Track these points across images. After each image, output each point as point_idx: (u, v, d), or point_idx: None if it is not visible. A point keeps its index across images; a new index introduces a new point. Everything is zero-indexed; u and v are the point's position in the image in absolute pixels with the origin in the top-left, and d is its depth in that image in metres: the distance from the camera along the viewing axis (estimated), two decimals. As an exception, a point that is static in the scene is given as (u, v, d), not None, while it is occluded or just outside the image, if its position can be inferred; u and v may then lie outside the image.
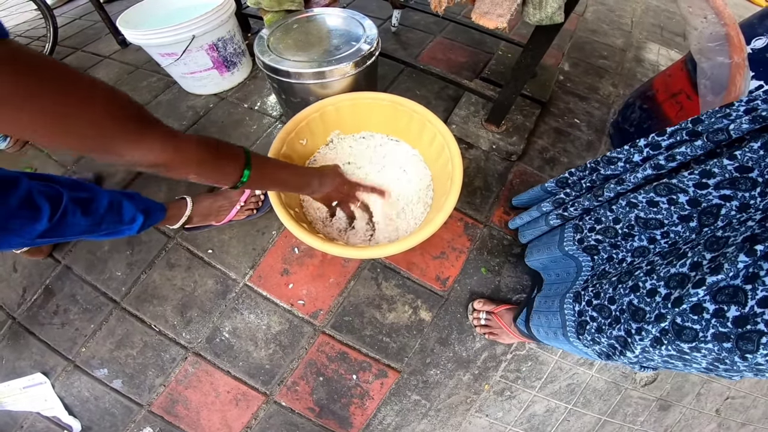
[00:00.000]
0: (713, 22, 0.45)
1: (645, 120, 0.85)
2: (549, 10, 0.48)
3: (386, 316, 0.71)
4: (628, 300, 0.38)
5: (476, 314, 0.69)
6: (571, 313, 0.48)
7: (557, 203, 0.58)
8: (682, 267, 0.34)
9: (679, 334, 0.32)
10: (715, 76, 0.49)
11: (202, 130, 0.94)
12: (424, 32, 1.22)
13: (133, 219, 0.58)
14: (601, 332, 0.41)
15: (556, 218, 0.58)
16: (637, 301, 0.37)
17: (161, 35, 0.79)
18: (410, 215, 0.67)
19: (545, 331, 0.55)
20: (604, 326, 0.41)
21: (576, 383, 0.72)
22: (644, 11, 1.54)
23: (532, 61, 0.63)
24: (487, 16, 0.50)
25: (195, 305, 0.71)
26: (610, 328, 0.40)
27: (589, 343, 0.44)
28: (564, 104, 1.04)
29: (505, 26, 0.49)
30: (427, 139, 0.69)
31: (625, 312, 0.38)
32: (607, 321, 0.41)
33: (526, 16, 0.51)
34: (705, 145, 0.37)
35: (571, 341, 0.48)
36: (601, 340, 0.41)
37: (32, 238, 0.45)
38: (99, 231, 0.54)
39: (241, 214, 0.74)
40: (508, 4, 0.48)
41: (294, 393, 0.66)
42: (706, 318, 0.30)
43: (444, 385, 0.68)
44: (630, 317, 0.37)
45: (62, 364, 0.68)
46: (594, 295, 0.44)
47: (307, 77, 0.70)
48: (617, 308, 0.39)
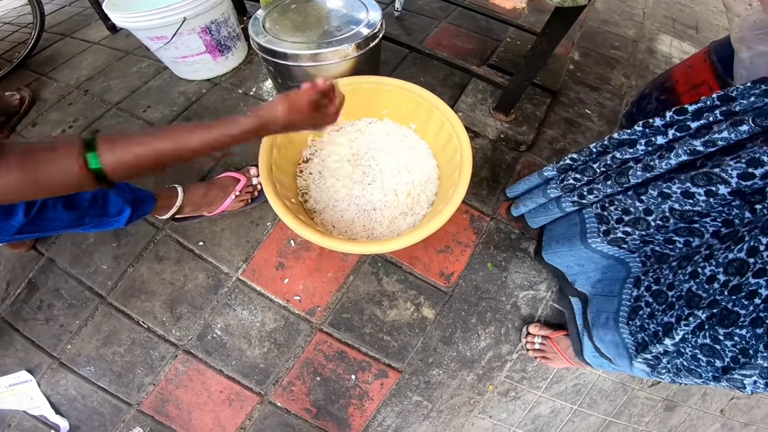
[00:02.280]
0: (758, 10, 0.42)
1: (662, 111, 0.80)
2: None
3: (387, 313, 0.68)
4: (687, 286, 0.38)
5: (530, 338, 0.67)
6: (628, 298, 0.48)
7: (567, 188, 0.55)
8: (740, 252, 0.33)
9: (722, 320, 0.32)
10: (754, 66, 0.45)
11: (194, 117, 0.89)
12: (429, 17, 1.17)
13: (120, 211, 0.54)
14: (653, 318, 0.42)
15: (571, 204, 0.55)
16: (696, 287, 0.37)
17: (150, 18, 0.75)
18: (414, 207, 0.63)
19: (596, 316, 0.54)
20: (657, 312, 0.41)
21: (582, 383, 0.70)
22: (656, 2, 1.50)
23: (548, 47, 0.59)
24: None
25: (185, 301, 0.68)
26: (662, 314, 0.40)
27: (636, 330, 0.44)
28: (575, 94, 1.00)
29: (524, 6, 0.45)
30: (435, 127, 0.65)
31: (682, 298, 0.38)
32: (661, 307, 0.41)
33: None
34: (752, 129, 0.33)
35: (619, 327, 0.47)
36: (650, 326, 0.42)
37: (10, 234, 0.43)
38: (83, 224, 0.51)
39: (234, 204, 0.70)
40: None
41: (290, 393, 0.63)
42: (756, 303, 0.30)
43: (447, 385, 0.65)
44: (685, 303, 0.37)
45: (47, 361, 0.65)
46: (654, 280, 0.44)
47: (304, 59, 0.65)
48: (675, 294, 0.40)
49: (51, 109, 0.94)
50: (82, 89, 0.98)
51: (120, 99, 0.94)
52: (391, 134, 0.71)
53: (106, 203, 0.52)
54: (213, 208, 0.69)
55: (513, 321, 0.70)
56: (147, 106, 0.92)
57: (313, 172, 0.67)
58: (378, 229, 0.61)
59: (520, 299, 0.71)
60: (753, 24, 0.45)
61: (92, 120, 0.90)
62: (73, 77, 1.01)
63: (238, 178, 0.70)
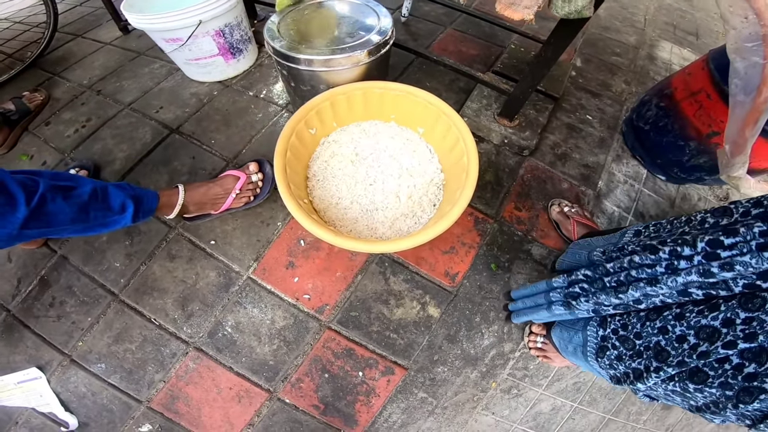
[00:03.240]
0: (753, 23, 0.44)
1: (661, 118, 0.83)
2: (580, 3, 0.46)
3: (394, 311, 0.69)
4: (656, 340, 0.39)
5: (533, 337, 0.68)
6: (594, 336, 0.48)
7: (570, 295, 0.53)
8: (714, 321, 0.34)
9: (692, 376, 0.34)
10: (748, 76, 0.47)
11: (205, 119, 0.91)
12: (435, 23, 1.19)
13: (123, 206, 0.55)
14: (621, 361, 0.43)
15: (561, 307, 0.54)
16: (664, 343, 0.38)
17: (167, 20, 0.76)
18: (415, 209, 0.65)
19: (565, 345, 0.54)
20: (624, 356, 0.43)
21: (582, 382, 0.71)
22: (657, 9, 1.52)
23: (553, 55, 0.61)
24: (513, 7, 0.47)
25: (196, 298, 0.69)
26: (630, 360, 0.41)
27: (605, 366, 0.45)
28: (576, 100, 1.02)
29: (531, 18, 0.47)
30: (441, 131, 0.67)
31: (650, 350, 0.39)
32: (628, 353, 0.42)
33: (553, 9, 0.49)
34: None
35: (588, 361, 0.49)
36: (619, 367, 0.43)
37: (16, 227, 0.44)
38: (89, 221, 0.52)
39: (237, 201, 0.71)
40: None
41: (298, 390, 0.64)
42: (725, 368, 0.31)
43: (451, 382, 0.67)
44: (653, 356, 0.38)
45: (58, 358, 0.65)
46: (621, 326, 0.45)
47: (318, 65, 0.67)
48: (642, 344, 0.41)
49: (64, 109, 0.95)
50: (94, 89, 0.99)
51: (132, 99, 0.96)
52: (395, 137, 0.73)
53: (107, 196, 0.54)
54: (217, 206, 0.70)
55: (516, 321, 0.71)
56: (159, 107, 0.94)
57: (317, 172, 0.68)
58: (380, 229, 0.63)
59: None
60: (748, 36, 0.47)
61: (105, 120, 0.92)
62: (85, 77, 1.03)
63: (237, 176, 0.71)
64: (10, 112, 0.87)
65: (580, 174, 0.88)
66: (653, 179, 0.92)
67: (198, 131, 0.88)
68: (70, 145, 0.87)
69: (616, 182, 0.89)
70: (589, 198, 0.85)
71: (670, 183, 0.92)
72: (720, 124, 0.71)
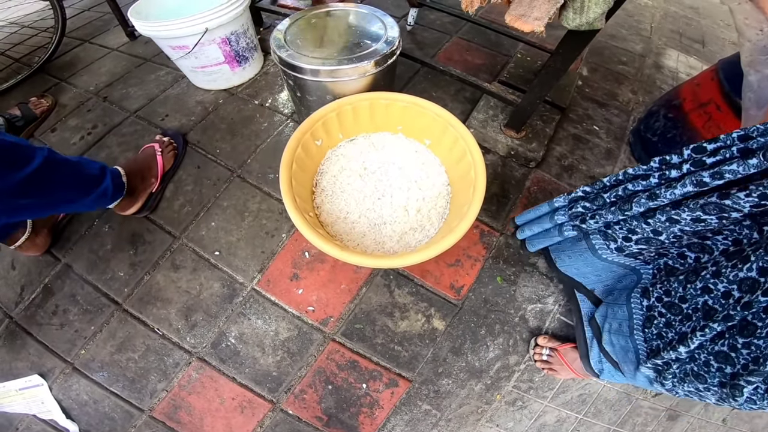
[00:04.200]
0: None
1: (670, 129, 0.82)
2: (591, 16, 0.45)
3: (398, 324, 0.69)
4: (702, 300, 0.40)
5: (538, 350, 0.68)
6: (639, 307, 0.49)
7: (575, 215, 0.56)
8: (750, 271, 0.36)
9: (741, 330, 0.35)
10: (761, 90, 0.47)
11: (210, 127, 0.91)
12: (440, 32, 1.19)
13: (102, 169, 0.63)
14: (670, 327, 0.44)
15: (571, 229, 0.57)
16: (711, 302, 0.39)
17: (174, 27, 0.77)
18: (423, 223, 0.64)
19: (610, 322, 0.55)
20: (673, 322, 0.44)
21: (588, 393, 0.71)
22: (663, 17, 1.52)
23: (562, 66, 0.61)
24: (522, 18, 0.47)
25: (200, 309, 0.69)
26: (680, 324, 0.42)
27: (652, 336, 0.46)
28: (583, 110, 1.02)
29: (542, 30, 0.46)
30: (448, 143, 0.67)
31: (699, 311, 0.40)
32: (677, 317, 0.43)
33: (564, 21, 0.48)
34: (761, 164, 0.35)
35: (634, 335, 0.49)
36: (668, 334, 0.44)
37: (12, 190, 0.46)
38: (81, 189, 0.57)
39: (167, 159, 0.79)
40: (546, 6, 0.45)
41: (302, 401, 0.64)
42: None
43: (455, 394, 0.66)
44: (702, 316, 0.40)
45: (60, 366, 0.65)
46: (664, 292, 0.46)
47: (324, 75, 0.67)
48: (689, 307, 0.42)
49: (70, 115, 0.95)
50: (101, 95, 0.99)
51: (138, 107, 0.96)
52: (403, 149, 0.73)
53: (87, 162, 0.61)
54: (154, 171, 0.76)
55: (521, 333, 0.71)
56: (165, 115, 0.94)
57: (326, 186, 0.68)
58: (388, 243, 0.63)
59: (528, 312, 0.72)
60: (763, 48, 0.46)
61: (111, 127, 0.92)
62: (92, 83, 1.03)
63: (152, 144, 0.79)
64: (15, 118, 0.87)
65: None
66: (660, 191, 0.91)
67: (203, 140, 0.88)
68: (76, 153, 0.87)
69: (623, 194, 0.88)
70: (596, 210, 0.84)
71: (678, 194, 0.91)
72: (729, 136, 0.70)
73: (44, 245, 0.72)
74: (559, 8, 0.47)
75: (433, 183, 0.68)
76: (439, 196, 0.67)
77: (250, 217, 0.77)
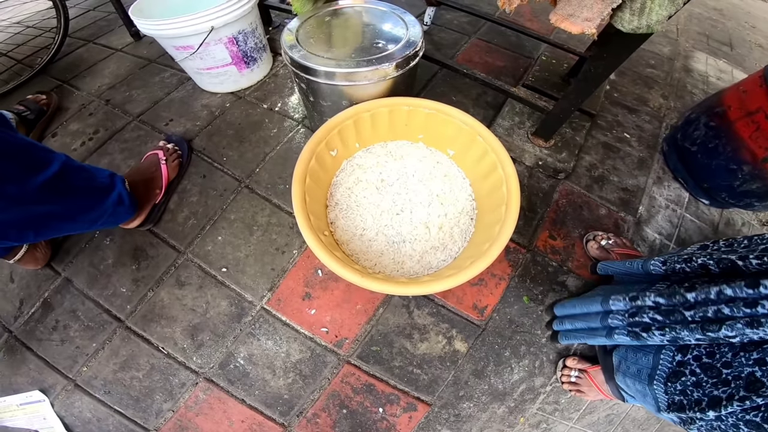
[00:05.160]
0: None
1: (711, 139, 0.76)
2: (654, 18, 0.40)
3: (418, 346, 0.65)
4: (749, 371, 0.36)
5: (566, 371, 0.64)
6: (669, 361, 0.44)
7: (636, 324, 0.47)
8: None
9: None
10: None
11: (217, 133, 0.86)
12: (459, 32, 1.13)
13: (112, 177, 0.60)
14: (699, 387, 0.41)
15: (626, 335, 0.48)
16: (760, 374, 0.36)
17: (177, 26, 0.72)
18: (446, 241, 0.59)
19: (627, 365, 0.50)
20: (704, 383, 0.40)
21: (615, 414, 0.67)
22: (688, 18, 1.45)
23: (604, 72, 0.55)
24: (570, 19, 0.42)
25: (207, 328, 0.65)
26: (713, 387, 0.39)
27: (674, 391, 0.43)
28: (612, 116, 0.96)
29: (594, 32, 0.41)
30: (476, 155, 0.61)
31: (740, 380, 0.37)
32: (711, 380, 0.40)
33: (618, 23, 0.43)
34: None
35: (653, 384, 0.45)
36: (693, 393, 0.41)
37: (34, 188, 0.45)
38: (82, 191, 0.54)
39: (172, 169, 0.75)
40: (599, 6, 0.39)
41: (314, 425, 0.60)
42: None
43: (477, 418, 0.63)
44: (744, 385, 0.36)
45: (62, 382, 0.63)
46: (707, 353, 0.41)
47: (340, 78, 0.62)
48: (731, 373, 0.38)
49: (71, 120, 0.91)
50: (103, 98, 0.95)
51: (142, 111, 0.92)
52: (424, 159, 0.67)
53: (96, 169, 0.59)
54: (158, 181, 0.72)
55: (548, 354, 0.66)
56: (169, 120, 0.89)
57: (340, 200, 0.63)
58: (408, 263, 0.58)
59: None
60: None
61: (113, 132, 0.88)
62: (94, 85, 0.99)
63: (156, 152, 0.75)
64: (25, 112, 0.84)
65: (619, 198, 0.81)
66: (695, 203, 0.85)
67: (209, 147, 0.84)
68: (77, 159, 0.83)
69: (658, 207, 0.82)
70: (629, 225, 0.78)
71: (713, 207, 0.85)
72: (779, 147, 0.64)
73: (44, 259, 0.69)
74: (614, 9, 0.41)
75: (456, 198, 0.63)
76: (462, 212, 0.62)
77: (259, 231, 0.73)
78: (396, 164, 0.67)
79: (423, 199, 0.62)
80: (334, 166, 0.66)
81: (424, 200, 0.62)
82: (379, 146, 0.69)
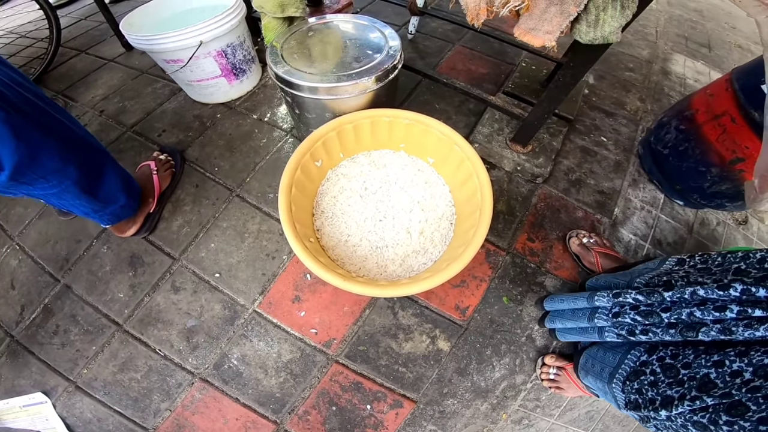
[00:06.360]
0: None
1: (681, 142, 0.79)
2: (607, 30, 0.43)
3: (403, 345, 0.68)
4: (705, 372, 0.37)
5: (545, 369, 0.67)
6: (634, 360, 0.46)
7: (621, 326, 0.49)
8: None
9: (730, 408, 0.33)
10: None
11: (208, 143, 0.89)
12: (442, 40, 1.16)
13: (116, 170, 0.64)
14: (654, 386, 0.41)
15: (615, 337, 0.50)
16: (714, 375, 0.36)
17: (166, 41, 0.74)
18: (427, 246, 0.62)
19: (593, 363, 0.52)
20: (660, 383, 0.41)
21: (595, 410, 0.70)
22: (668, 20, 1.48)
23: (572, 80, 0.58)
24: (532, 32, 0.45)
25: (201, 330, 0.68)
26: (667, 387, 0.40)
27: (631, 390, 0.44)
28: (590, 121, 0.99)
29: (553, 44, 0.44)
30: (454, 163, 0.65)
31: (694, 380, 0.38)
32: (667, 380, 0.41)
33: (576, 35, 0.46)
34: None
35: (611, 383, 0.46)
36: (648, 393, 0.41)
37: None
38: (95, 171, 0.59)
39: (164, 179, 0.78)
40: (558, 20, 0.43)
41: (305, 422, 0.64)
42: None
43: (461, 415, 0.66)
44: (696, 386, 0.37)
45: (63, 384, 0.66)
46: (671, 355, 0.42)
47: (323, 92, 0.65)
48: (688, 373, 0.39)
49: (67, 131, 0.94)
50: (97, 109, 0.98)
51: (135, 121, 0.94)
52: (405, 167, 0.71)
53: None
54: (151, 192, 0.75)
55: (528, 352, 0.69)
56: (162, 130, 0.92)
57: (326, 208, 0.67)
58: (390, 267, 0.61)
59: (535, 332, 0.71)
60: None
61: (107, 143, 0.90)
62: (89, 96, 1.01)
63: (148, 163, 0.78)
64: None
65: (596, 201, 0.85)
66: (671, 204, 0.88)
67: (201, 157, 0.87)
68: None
69: (633, 209, 0.86)
70: (605, 226, 0.82)
71: (688, 208, 0.88)
72: (745, 149, 0.67)
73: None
74: (571, 22, 0.44)
75: (436, 204, 0.66)
76: (442, 217, 0.65)
77: (250, 238, 0.76)
78: (379, 173, 0.70)
79: (405, 205, 0.65)
80: (319, 175, 0.69)
81: (405, 207, 0.65)
82: (362, 155, 0.72)
